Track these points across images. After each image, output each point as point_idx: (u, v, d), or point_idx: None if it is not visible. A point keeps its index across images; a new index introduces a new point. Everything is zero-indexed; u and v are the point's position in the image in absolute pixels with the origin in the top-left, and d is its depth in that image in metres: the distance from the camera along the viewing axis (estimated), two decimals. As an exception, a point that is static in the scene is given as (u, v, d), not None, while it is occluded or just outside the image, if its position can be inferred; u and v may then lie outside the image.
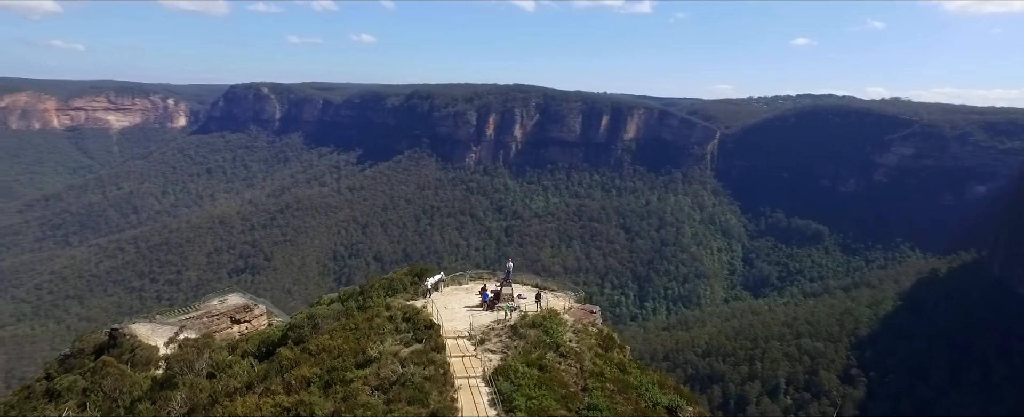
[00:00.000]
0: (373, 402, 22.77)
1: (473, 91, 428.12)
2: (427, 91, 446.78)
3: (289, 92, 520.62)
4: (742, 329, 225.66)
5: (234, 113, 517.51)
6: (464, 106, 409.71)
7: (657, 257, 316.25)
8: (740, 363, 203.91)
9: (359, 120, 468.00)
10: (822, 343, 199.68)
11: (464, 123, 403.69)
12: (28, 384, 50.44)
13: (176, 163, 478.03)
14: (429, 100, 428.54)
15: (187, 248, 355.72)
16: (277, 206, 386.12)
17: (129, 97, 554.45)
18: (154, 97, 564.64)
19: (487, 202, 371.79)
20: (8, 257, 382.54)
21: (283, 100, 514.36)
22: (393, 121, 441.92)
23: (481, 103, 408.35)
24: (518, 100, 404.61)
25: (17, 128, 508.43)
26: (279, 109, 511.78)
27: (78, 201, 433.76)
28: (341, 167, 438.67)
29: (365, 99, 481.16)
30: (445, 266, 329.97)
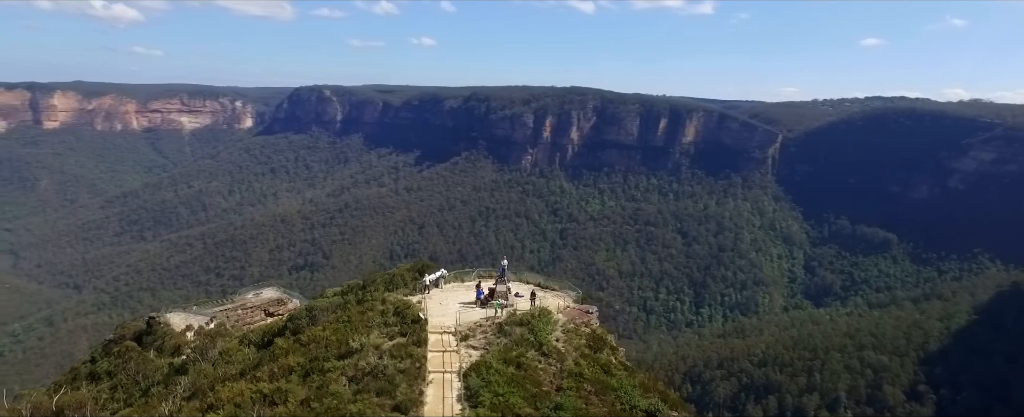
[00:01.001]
0: (342, 392, 22.76)
1: (530, 93, 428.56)
2: (484, 93, 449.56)
3: (350, 94, 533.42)
4: (801, 339, 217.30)
5: (297, 115, 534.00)
6: (521, 108, 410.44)
7: (714, 263, 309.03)
8: (798, 374, 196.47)
9: (417, 122, 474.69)
10: (887, 356, 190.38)
11: (521, 125, 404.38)
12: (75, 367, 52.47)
13: (242, 163, 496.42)
14: (486, 102, 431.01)
15: (251, 245, 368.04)
16: (336, 205, 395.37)
17: (200, 100, 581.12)
18: (223, 99, 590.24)
19: (542, 204, 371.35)
20: (91, 250, 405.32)
21: (344, 102, 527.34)
22: (451, 123, 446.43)
23: (538, 105, 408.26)
24: (575, 102, 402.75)
25: (102, 129, 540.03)
26: (340, 111, 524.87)
27: (153, 198, 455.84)
28: (399, 168, 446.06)
29: (424, 101, 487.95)
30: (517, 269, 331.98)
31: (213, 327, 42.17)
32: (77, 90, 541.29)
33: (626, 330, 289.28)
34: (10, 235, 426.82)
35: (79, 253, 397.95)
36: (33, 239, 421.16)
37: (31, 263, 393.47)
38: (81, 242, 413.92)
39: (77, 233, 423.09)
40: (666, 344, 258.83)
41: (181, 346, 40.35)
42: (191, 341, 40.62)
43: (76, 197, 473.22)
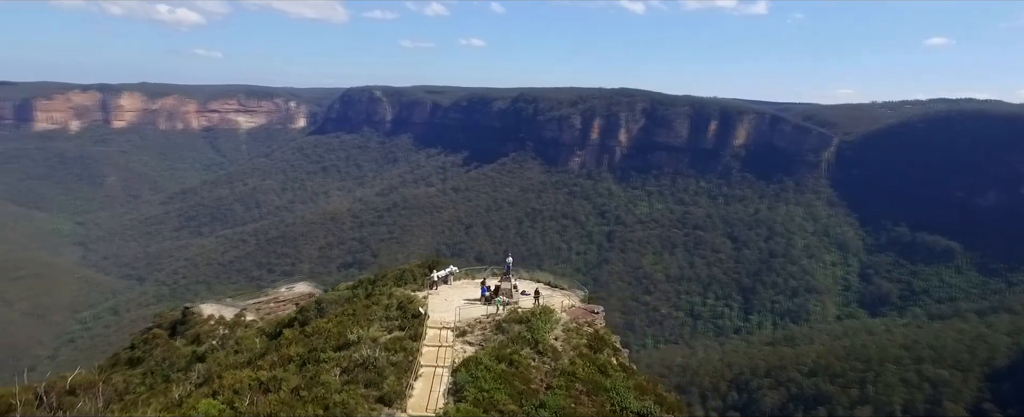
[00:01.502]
0: (332, 381, 22.84)
1: (578, 95, 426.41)
2: (533, 94, 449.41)
3: (400, 95, 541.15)
4: (854, 349, 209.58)
5: (349, 115, 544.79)
6: (569, 110, 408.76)
7: (764, 268, 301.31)
8: (850, 385, 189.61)
9: (466, 122, 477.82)
10: (948, 371, 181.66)
11: (569, 127, 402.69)
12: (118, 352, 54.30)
13: (295, 161, 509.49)
14: (534, 103, 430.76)
15: (301, 242, 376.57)
16: (385, 204, 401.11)
17: (256, 100, 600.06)
18: (278, 100, 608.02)
19: (590, 206, 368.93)
20: (153, 244, 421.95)
21: (394, 103, 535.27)
22: (499, 124, 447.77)
23: (586, 107, 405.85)
24: (623, 104, 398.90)
25: (164, 128, 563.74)
26: (390, 111, 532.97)
27: (210, 195, 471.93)
28: (447, 168, 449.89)
29: (472, 102, 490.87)
30: (545, 268, 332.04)
31: (233, 318, 43.05)
32: (142, 91, 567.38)
33: (672, 335, 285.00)
34: (81, 228, 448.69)
35: (141, 247, 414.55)
36: (101, 232, 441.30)
37: (98, 255, 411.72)
38: (143, 236, 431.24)
39: (140, 228, 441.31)
40: (713, 350, 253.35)
41: (201, 335, 41.40)
42: (211, 331, 41.63)
43: (140, 193, 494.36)
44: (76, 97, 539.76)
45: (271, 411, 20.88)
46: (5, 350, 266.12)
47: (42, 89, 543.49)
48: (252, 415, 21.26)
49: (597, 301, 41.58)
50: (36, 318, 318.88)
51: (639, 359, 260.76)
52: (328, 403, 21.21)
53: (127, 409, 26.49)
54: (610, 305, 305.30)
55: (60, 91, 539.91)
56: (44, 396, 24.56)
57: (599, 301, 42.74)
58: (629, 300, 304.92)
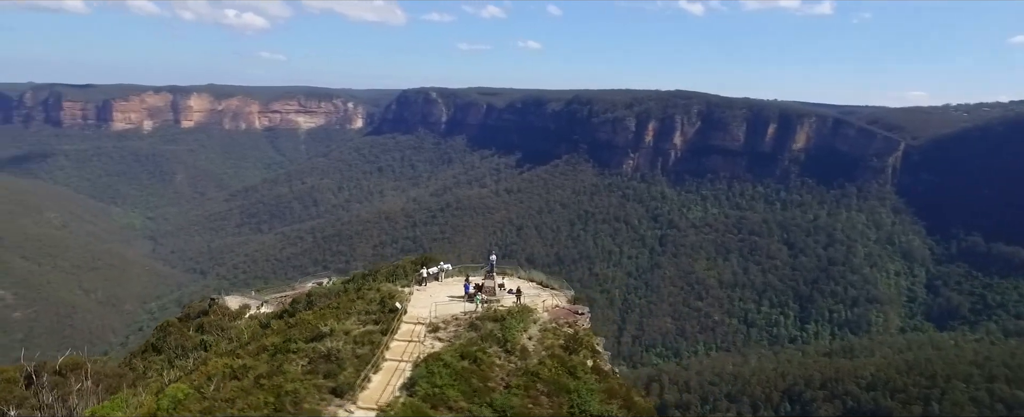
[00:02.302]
0: (293, 371, 22.98)
1: (633, 97, 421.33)
2: (587, 96, 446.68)
3: (455, 96, 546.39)
4: (918, 364, 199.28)
5: (405, 116, 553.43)
6: (623, 112, 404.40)
7: (823, 277, 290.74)
8: (912, 402, 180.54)
9: (520, 124, 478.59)
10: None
11: (623, 129, 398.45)
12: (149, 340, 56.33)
13: (352, 161, 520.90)
14: (589, 105, 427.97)
15: (356, 240, 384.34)
16: (438, 205, 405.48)
17: (316, 101, 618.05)
18: (336, 101, 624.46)
19: (643, 210, 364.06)
20: (216, 239, 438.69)
21: (449, 104, 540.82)
22: (553, 126, 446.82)
23: (641, 109, 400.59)
24: (679, 107, 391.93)
25: (229, 128, 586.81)
26: (445, 113, 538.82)
27: (270, 193, 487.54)
28: (501, 170, 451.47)
29: (527, 104, 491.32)
30: (596, 272, 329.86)
31: (238, 308, 44.11)
32: (209, 92, 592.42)
33: (724, 342, 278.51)
34: (151, 223, 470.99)
35: (205, 241, 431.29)
36: (169, 227, 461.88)
37: (166, 249, 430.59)
38: (207, 232, 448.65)
39: (204, 223, 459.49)
40: (766, 359, 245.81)
41: (205, 325, 42.53)
42: (217, 320, 42.75)
43: (205, 190, 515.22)
44: (149, 98, 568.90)
45: (231, 397, 21.28)
46: (83, 335, 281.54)
47: (120, 91, 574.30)
48: (213, 399, 21.66)
49: (582, 302, 40.59)
50: (110, 307, 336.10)
51: (689, 365, 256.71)
52: (281, 392, 21.42)
53: (112, 391, 27.40)
54: (661, 310, 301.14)
55: (135, 93, 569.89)
56: (34, 375, 25.73)
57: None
58: (681, 305, 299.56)
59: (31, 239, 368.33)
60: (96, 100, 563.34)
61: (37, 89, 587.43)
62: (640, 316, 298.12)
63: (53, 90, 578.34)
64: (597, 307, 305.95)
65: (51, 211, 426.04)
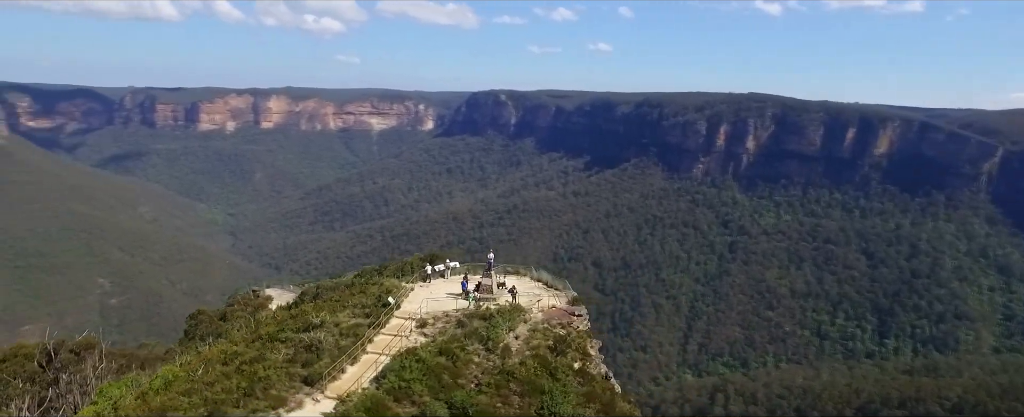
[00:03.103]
0: (273, 359, 23.22)
1: (704, 100, 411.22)
2: (657, 99, 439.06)
3: (525, 99, 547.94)
4: (1015, 388, 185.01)
5: (474, 118, 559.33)
6: (694, 115, 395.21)
7: (905, 289, 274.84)
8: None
9: (589, 127, 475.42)
10: None
11: (693, 133, 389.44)
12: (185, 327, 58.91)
13: (422, 162, 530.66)
14: (659, 108, 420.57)
15: (424, 240, 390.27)
16: (506, 206, 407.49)
17: (388, 103, 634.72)
18: (408, 103, 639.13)
19: (712, 215, 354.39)
20: (291, 236, 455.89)
21: (519, 106, 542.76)
22: (622, 129, 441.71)
23: (712, 112, 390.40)
24: (752, 110, 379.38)
25: (305, 129, 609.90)
26: (515, 115, 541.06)
27: (342, 192, 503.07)
28: (569, 172, 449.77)
29: (596, 107, 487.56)
30: (663, 278, 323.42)
31: (261, 299, 45.25)
32: (288, 95, 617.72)
33: (795, 354, 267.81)
34: (232, 219, 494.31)
35: (281, 238, 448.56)
36: (248, 224, 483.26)
37: (245, 244, 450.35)
38: (283, 229, 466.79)
39: (281, 221, 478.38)
40: (839, 374, 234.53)
41: (226, 314, 43.84)
42: (239, 310, 43.99)
43: (282, 189, 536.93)
44: (232, 100, 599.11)
45: (211, 380, 21.74)
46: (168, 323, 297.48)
47: (206, 94, 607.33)
48: (196, 381, 22.16)
49: (582, 303, 39.30)
50: (193, 297, 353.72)
51: (757, 376, 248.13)
52: (255, 377, 21.69)
53: (123, 371, 28.61)
54: (729, 318, 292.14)
55: (220, 95, 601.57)
56: (53, 353, 27.12)
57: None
58: (750, 314, 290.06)
59: (127, 232, 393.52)
60: (185, 102, 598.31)
61: (135, 92, 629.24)
62: (707, 324, 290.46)
63: (149, 93, 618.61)
64: (663, 313, 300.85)
65: (144, 206, 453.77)
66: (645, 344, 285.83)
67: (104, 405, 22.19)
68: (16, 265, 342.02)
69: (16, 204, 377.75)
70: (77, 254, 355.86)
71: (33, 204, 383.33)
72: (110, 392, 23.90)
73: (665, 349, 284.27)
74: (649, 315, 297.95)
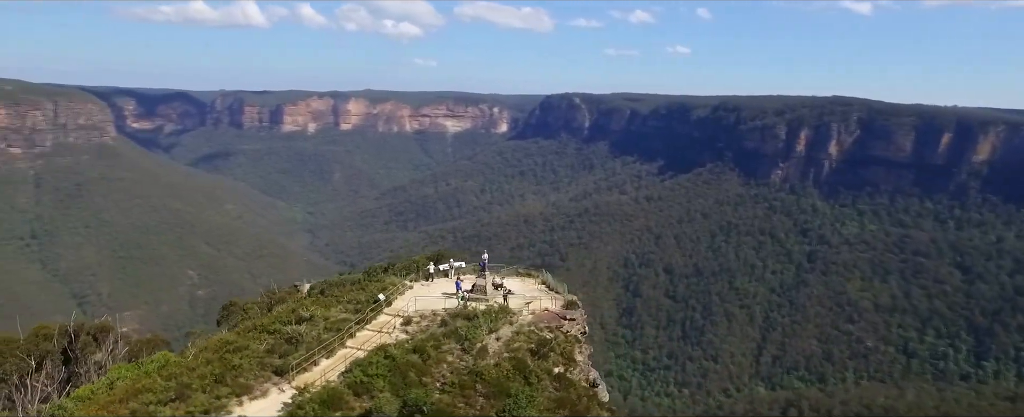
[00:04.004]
0: (255, 349, 23.50)
1: (784, 103, 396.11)
2: (735, 103, 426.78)
3: (599, 102, 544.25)
4: None
5: (548, 121, 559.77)
6: (773, 119, 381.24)
7: (1007, 308, 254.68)
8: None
9: (664, 131, 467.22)
10: None
11: (772, 137, 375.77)
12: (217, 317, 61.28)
13: (495, 164, 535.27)
14: (736, 112, 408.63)
15: (494, 242, 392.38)
16: (577, 210, 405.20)
17: (463, 106, 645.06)
18: (483, 105, 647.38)
19: (790, 223, 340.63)
20: (366, 235, 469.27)
21: (593, 110, 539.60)
22: (697, 133, 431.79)
23: (792, 116, 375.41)
24: (836, 114, 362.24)
25: (382, 131, 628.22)
26: (588, 118, 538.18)
27: (416, 193, 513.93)
28: (642, 177, 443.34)
29: (671, 110, 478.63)
30: (736, 286, 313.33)
31: (282, 293, 46.47)
32: (366, 97, 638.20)
33: (878, 372, 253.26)
34: (311, 217, 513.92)
35: (356, 236, 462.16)
36: (326, 222, 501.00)
37: (322, 241, 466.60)
38: (359, 227, 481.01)
39: (357, 220, 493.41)
40: (927, 395, 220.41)
41: (245, 306, 45.19)
42: (259, 301, 45.27)
43: (359, 189, 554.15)
44: (314, 103, 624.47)
45: (193, 365, 22.25)
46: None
47: (290, 96, 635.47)
48: (181, 366, 22.66)
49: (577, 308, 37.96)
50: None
51: (834, 393, 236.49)
52: (228, 365, 21.95)
53: (135, 355, 29.74)
54: (806, 331, 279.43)
55: (302, 98, 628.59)
56: (74, 335, 28.53)
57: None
58: (829, 327, 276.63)
59: (214, 228, 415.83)
60: (270, 105, 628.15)
61: (225, 95, 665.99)
62: (782, 335, 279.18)
63: (237, 96, 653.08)
64: (736, 323, 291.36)
65: (230, 203, 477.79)
66: (716, 353, 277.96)
67: (100, 384, 23.24)
68: (119, 256, 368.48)
69: (121, 199, 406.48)
70: (170, 247, 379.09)
71: (135, 200, 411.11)
72: (116, 373, 24.96)
73: (737, 360, 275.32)
74: (721, 324, 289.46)
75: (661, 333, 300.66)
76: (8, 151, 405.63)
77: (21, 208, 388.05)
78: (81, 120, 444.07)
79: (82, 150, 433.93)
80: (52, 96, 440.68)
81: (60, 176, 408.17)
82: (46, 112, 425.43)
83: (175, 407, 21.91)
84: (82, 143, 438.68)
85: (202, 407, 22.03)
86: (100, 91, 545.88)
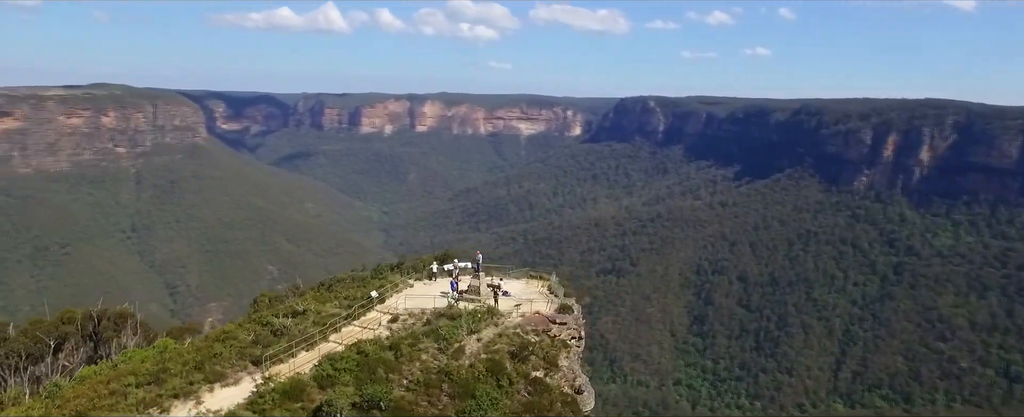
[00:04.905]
0: (242, 339, 24.07)
1: (870, 106, 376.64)
2: (817, 106, 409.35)
3: (674, 105, 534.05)
4: None
5: (622, 124, 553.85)
6: (858, 123, 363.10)
7: None
8: None
9: (740, 135, 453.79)
10: None
11: (856, 142, 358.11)
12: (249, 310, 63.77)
13: (567, 167, 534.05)
14: (817, 116, 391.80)
15: (565, 245, 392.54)
16: (649, 215, 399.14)
17: (537, 108, 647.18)
18: (556, 108, 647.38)
19: (875, 233, 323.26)
20: (438, 235, 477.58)
21: (668, 113, 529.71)
22: (776, 137, 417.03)
23: (879, 120, 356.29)
24: (929, 117, 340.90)
25: (457, 133, 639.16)
26: (663, 122, 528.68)
27: (489, 195, 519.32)
28: (717, 182, 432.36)
29: (749, 114, 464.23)
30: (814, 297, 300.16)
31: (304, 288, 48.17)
32: (441, 100, 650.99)
33: (973, 395, 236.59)
34: (386, 217, 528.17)
35: (429, 236, 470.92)
36: (400, 221, 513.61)
37: (396, 240, 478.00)
38: (432, 228, 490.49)
39: (430, 220, 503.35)
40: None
41: (270, 298, 46.69)
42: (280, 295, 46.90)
43: (433, 190, 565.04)
44: (391, 105, 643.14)
45: (184, 352, 23.01)
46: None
47: (368, 99, 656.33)
48: (176, 352, 23.44)
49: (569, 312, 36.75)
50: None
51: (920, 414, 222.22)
52: (210, 352, 22.53)
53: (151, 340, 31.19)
54: (891, 347, 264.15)
55: (380, 101, 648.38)
56: (96, 319, 30.17)
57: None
58: (916, 345, 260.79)
59: (294, 225, 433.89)
60: (349, 107, 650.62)
61: (307, 98, 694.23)
62: (864, 351, 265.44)
63: (318, 99, 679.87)
64: (813, 335, 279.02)
65: (309, 202, 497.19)
66: (791, 366, 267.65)
67: (103, 366, 24.54)
68: (206, 249, 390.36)
69: (210, 197, 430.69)
70: (253, 243, 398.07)
71: (222, 197, 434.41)
72: (123, 356, 26.31)
73: (814, 374, 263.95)
74: (797, 336, 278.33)
75: (733, 343, 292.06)
76: (115, 150, 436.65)
77: (124, 203, 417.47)
78: (176, 121, 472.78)
79: (176, 149, 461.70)
80: (152, 99, 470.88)
81: (157, 174, 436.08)
82: (147, 114, 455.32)
83: (148, 389, 22.93)
84: (176, 143, 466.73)
85: (173, 391, 22.95)
86: (193, 94, 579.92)
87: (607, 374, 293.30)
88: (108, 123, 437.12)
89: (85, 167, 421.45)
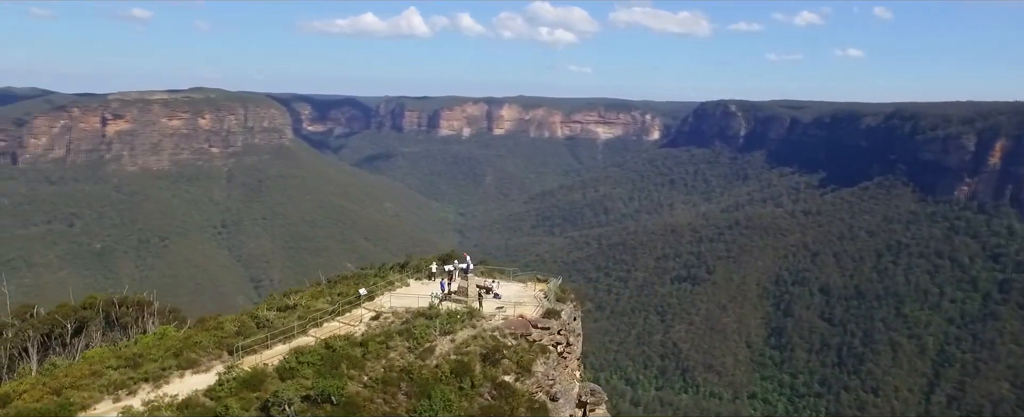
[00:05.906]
0: (227, 328, 24.59)
1: (974, 110, 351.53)
2: (911, 110, 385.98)
3: (756, 110, 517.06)
4: None
5: (702, 129, 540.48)
6: (959, 128, 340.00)
7: None
8: None
9: (827, 141, 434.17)
10: None
11: (957, 148, 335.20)
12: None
13: (645, 172, 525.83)
14: (912, 120, 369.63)
15: (639, 251, 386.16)
16: (727, 222, 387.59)
17: (615, 112, 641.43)
18: (635, 112, 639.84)
19: (977, 246, 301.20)
20: (513, 238, 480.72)
21: (749, 118, 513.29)
22: (865, 143, 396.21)
23: (985, 125, 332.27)
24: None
25: (534, 136, 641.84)
26: (744, 126, 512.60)
27: (564, 198, 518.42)
28: (800, 189, 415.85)
29: (836, 118, 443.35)
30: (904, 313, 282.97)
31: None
32: (519, 103, 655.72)
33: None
34: (461, 218, 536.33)
35: (504, 239, 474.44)
36: (475, 223, 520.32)
37: (470, 242, 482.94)
38: (507, 230, 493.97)
39: (505, 222, 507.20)
40: None
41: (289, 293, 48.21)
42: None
43: (509, 192, 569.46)
44: (469, 108, 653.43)
45: (172, 337, 23.94)
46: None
47: (446, 102, 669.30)
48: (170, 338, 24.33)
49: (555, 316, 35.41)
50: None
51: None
52: (190, 340, 23.19)
53: None
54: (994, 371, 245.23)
55: (458, 104, 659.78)
56: (117, 305, 31.96)
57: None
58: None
59: (373, 224, 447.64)
60: (429, 110, 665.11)
61: (388, 101, 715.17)
62: (961, 374, 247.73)
63: (399, 102, 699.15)
64: (902, 354, 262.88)
65: (388, 202, 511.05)
66: (877, 385, 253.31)
67: (104, 350, 25.98)
68: (289, 246, 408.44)
69: (295, 195, 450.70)
70: (333, 240, 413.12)
71: (306, 196, 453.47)
72: (127, 341, 27.83)
73: (902, 395, 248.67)
74: (884, 353, 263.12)
75: (813, 357, 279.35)
76: (209, 151, 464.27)
77: (216, 200, 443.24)
78: (265, 123, 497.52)
79: (264, 150, 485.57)
80: (243, 102, 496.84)
81: (246, 173, 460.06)
82: (238, 116, 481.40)
83: (123, 372, 24.11)
84: (264, 144, 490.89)
85: (144, 374, 24.08)
86: (281, 97, 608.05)
87: (679, 384, 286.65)
88: (204, 125, 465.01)
89: (183, 166, 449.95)
